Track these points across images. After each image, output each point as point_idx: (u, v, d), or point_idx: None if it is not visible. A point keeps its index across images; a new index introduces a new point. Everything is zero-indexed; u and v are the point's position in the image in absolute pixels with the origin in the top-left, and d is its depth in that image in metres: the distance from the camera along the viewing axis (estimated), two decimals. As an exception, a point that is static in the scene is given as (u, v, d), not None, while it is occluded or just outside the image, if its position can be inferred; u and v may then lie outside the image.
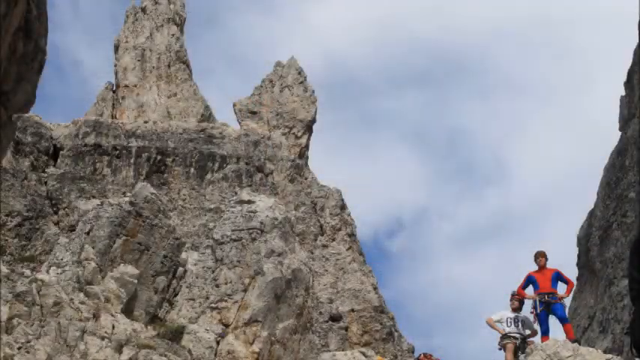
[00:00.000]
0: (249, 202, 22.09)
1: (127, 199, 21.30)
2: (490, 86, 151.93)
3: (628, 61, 18.29)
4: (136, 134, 33.69)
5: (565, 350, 12.34)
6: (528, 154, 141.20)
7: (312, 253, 30.96)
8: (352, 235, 34.42)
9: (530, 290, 14.51)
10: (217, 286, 19.83)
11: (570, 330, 13.90)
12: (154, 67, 38.62)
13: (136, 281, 19.41)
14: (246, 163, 33.94)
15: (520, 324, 14.13)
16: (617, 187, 17.58)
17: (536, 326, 14.18)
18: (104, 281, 18.84)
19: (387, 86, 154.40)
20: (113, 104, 37.85)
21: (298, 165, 35.03)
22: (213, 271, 20.35)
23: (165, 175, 32.98)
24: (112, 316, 17.13)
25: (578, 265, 20.08)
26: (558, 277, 14.37)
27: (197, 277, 20.49)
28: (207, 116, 37.74)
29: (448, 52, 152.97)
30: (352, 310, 29.48)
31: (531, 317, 14.26)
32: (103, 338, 16.04)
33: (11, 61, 6.04)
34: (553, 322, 14.03)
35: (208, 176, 33.27)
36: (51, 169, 31.44)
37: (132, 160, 32.71)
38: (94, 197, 30.30)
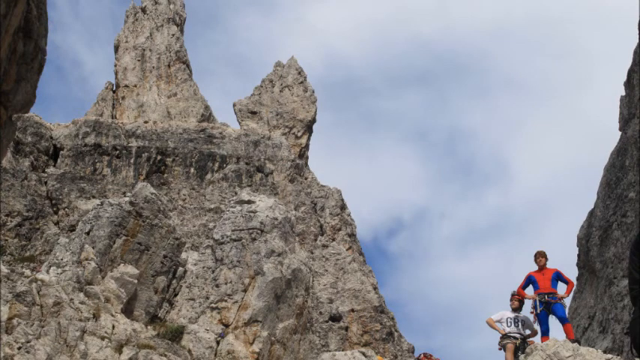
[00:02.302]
0: (249, 202, 22.08)
1: (127, 199, 21.28)
2: (490, 86, 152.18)
3: (628, 61, 18.27)
4: (136, 134, 33.69)
5: (565, 350, 12.32)
6: (528, 154, 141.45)
7: (312, 253, 30.95)
8: (352, 235, 34.43)
9: (530, 290, 14.48)
10: (217, 286, 19.81)
11: (570, 330, 13.87)
12: (153, 67, 38.60)
13: (136, 281, 19.40)
14: (246, 163, 33.93)
15: (520, 324, 14.12)
16: (617, 187, 17.55)
17: (536, 326, 14.16)
18: (104, 281, 18.81)
19: (387, 86, 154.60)
20: (113, 104, 37.84)
21: (298, 165, 35.01)
22: (213, 271, 20.33)
23: (166, 175, 32.97)
24: (112, 316, 17.11)
25: (578, 265, 20.06)
26: (558, 277, 14.35)
27: (197, 277, 20.47)
28: (207, 116, 37.73)
29: (448, 52, 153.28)
30: (352, 310, 29.47)
31: (531, 317, 14.24)
32: (103, 338, 16.03)
33: (11, 61, 6.04)
34: (553, 322, 14.01)
35: (208, 176, 33.26)
36: (51, 169, 31.43)
37: (132, 160, 32.71)
38: (94, 197, 30.32)
